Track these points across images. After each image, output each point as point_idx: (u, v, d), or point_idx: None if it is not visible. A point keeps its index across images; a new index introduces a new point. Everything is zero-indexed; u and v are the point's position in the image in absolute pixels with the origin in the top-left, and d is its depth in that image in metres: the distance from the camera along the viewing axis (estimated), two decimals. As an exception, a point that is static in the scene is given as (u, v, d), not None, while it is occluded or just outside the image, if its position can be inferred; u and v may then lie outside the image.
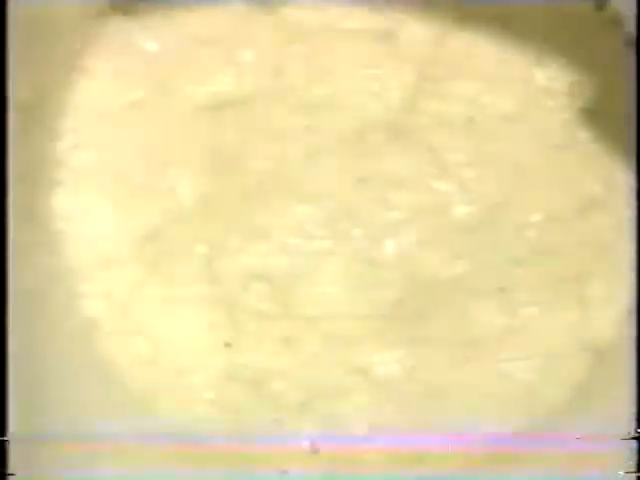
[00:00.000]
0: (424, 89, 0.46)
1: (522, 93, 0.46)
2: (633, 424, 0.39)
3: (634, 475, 0.38)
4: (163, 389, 0.44)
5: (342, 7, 0.47)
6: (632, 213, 0.44)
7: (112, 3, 0.46)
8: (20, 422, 0.38)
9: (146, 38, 0.47)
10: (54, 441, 0.40)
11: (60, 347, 0.44)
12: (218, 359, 0.45)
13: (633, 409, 0.39)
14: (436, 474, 0.43)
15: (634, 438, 0.38)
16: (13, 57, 0.42)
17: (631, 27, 0.43)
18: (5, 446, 0.38)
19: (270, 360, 0.44)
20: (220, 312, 0.45)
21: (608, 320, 0.45)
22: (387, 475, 0.44)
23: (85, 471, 0.41)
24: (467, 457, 0.43)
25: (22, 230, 0.43)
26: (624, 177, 0.45)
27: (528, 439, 0.43)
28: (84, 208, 0.46)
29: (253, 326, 0.45)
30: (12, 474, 0.38)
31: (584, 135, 0.46)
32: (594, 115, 0.46)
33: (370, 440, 0.44)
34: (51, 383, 0.42)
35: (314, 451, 0.44)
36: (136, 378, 0.44)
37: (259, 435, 0.44)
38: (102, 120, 0.46)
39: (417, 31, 0.46)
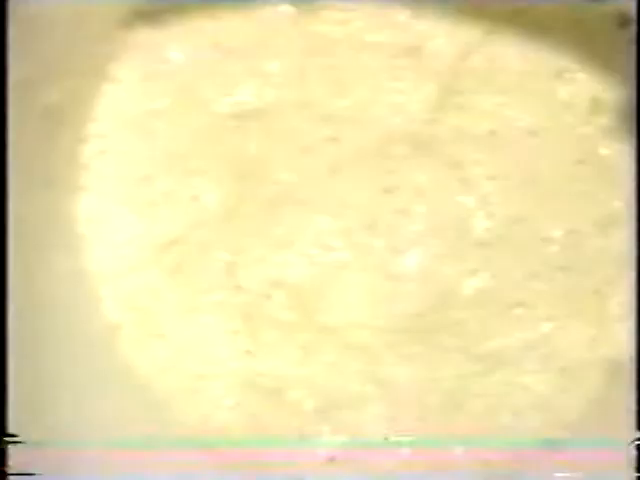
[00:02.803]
0: (447, 102, 0.46)
1: (544, 108, 0.46)
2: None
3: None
4: (183, 395, 0.45)
5: (367, 20, 0.47)
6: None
7: (139, 13, 0.47)
8: (35, 426, 0.39)
9: (172, 47, 0.47)
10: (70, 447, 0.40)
11: (81, 352, 0.44)
12: (238, 367, 0.45)
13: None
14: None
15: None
16: (42, 63, 0.42)
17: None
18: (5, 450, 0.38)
19: (289, 368, 0.45)
20: (241, 320, 0.45)
21: (627, 335, 0.45)
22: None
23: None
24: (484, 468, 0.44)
25: (46, 233, 0.44)
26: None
27: (544, 452, 0.43)
28: (108, 213, 0.46)
29: (273, 334, 0.45)
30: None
31: (605, 150, 0.46)
32: (615, 131, 0.46)
33: (387, 449, 0.44)
34: (71, 388, 0.43)
35: (331, 459, 0.44)
36: (156, 384, 0.45)
37: (277, 442, 0.44)
38: (128, 127, 0.47)
39: (441, 45, 0.47)
